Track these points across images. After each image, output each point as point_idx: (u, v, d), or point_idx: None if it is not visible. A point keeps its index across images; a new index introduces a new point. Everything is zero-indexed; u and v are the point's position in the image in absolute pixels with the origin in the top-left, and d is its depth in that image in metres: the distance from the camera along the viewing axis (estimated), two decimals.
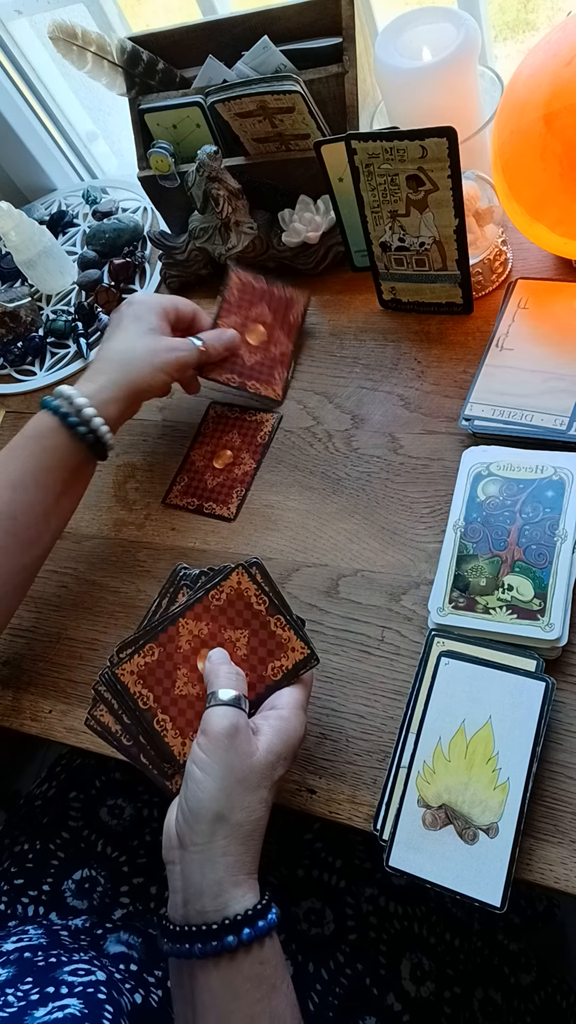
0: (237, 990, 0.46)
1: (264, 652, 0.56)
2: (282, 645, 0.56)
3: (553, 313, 0.72)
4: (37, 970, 0.55)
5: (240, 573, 0.56)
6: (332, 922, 0.67)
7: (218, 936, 0.46)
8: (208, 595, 0.56)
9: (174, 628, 0.56)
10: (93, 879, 0.71)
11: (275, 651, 0.56)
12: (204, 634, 0.56)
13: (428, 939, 0.68)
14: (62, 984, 0.53)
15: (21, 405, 0.94)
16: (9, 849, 0.74)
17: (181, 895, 0.48)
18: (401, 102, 0.76)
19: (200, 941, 0.46)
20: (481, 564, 0.61)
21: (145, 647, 0.56)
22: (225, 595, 0.56)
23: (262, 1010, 0.46)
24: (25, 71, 1.10)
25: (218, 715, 0.50)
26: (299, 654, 0.56)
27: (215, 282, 0.92)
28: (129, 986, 0.58)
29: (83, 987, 0.52)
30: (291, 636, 0.56)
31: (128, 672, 0.56)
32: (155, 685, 0.56)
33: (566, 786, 0.55)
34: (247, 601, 0.56)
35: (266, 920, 0.47)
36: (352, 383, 0.79)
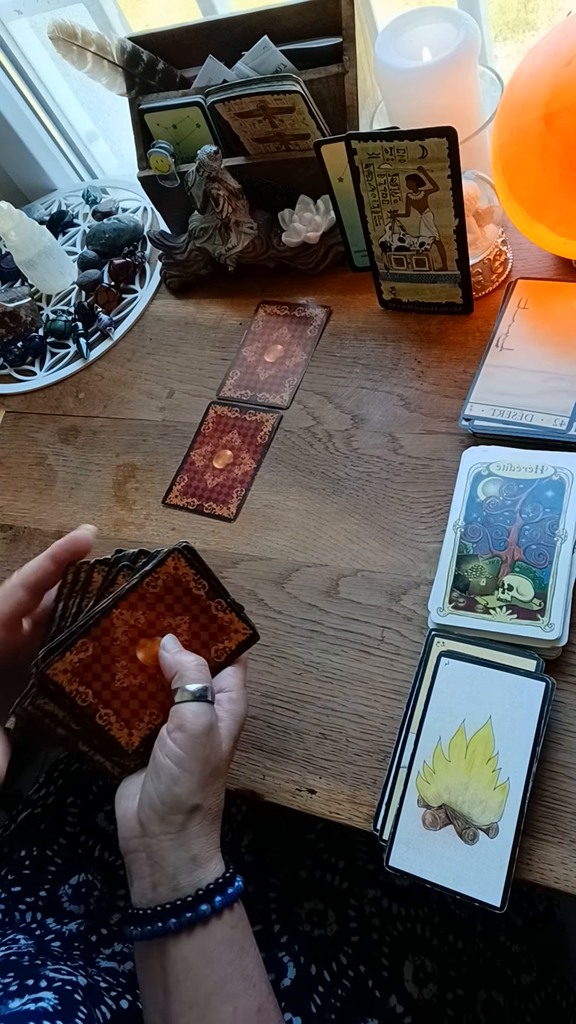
0: (210, 955, 0.48)
1: (207, 636, 0.55)
2: (224, 628, 0.56)
3: (553, 313, 0.72)
4: (21, 968, 0.56)
5: (176, 558, 0.54)
6: (335, 923, 0.67)
7: (193, 906, 0.48)
8: (143, 583, 0.54)
9: (108, 620, 0.54)
10: (90, 883, 0.71)
11: (217, 634, 0.56)
12: (141, 623, 0.54)
13: (431, 941, 0.68)
14: (42, 979, 0.54)
15: (21, 405, 0.94)
16: (7, 857, 0.74)
17: (149, 879, 0.49)
18: (401, 102, 0.76)
19: (175, 915, 0.47)
20: (481, 564, 0.61)
21: (77, 643, 0.53)
22: (162, 582, 0.54)
23: (234, 971, 0.48)
24: (25, 71, 1.10)
25: (194, 712, 0.51)
26: (242, 635, 0.56)
27: (215, 282, 0.92)
28: (115, 993, 0.58)
29: (62, 983, 0.53)
30: (232, 618, 0.56)
31: (61, 671, 0.53)
32: (93, 680, 0.53)
33: (566, 786, 0.55)
34: (186, 586, 0.55)
35: (234, 887, 0.49)
36: (352, 383, 0.79)
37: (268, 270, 0.89)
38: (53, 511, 0.84)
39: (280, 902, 0.68)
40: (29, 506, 0.85)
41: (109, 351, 0.94)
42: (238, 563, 0.73)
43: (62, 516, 0.83)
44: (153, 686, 0.54)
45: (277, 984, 0.62)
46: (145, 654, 0.54)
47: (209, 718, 0.51)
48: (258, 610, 0.69)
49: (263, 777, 0.62)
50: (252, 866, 0.70)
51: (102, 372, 0.93)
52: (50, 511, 0.84)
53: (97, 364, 0.94)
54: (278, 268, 0.88)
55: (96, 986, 0.57)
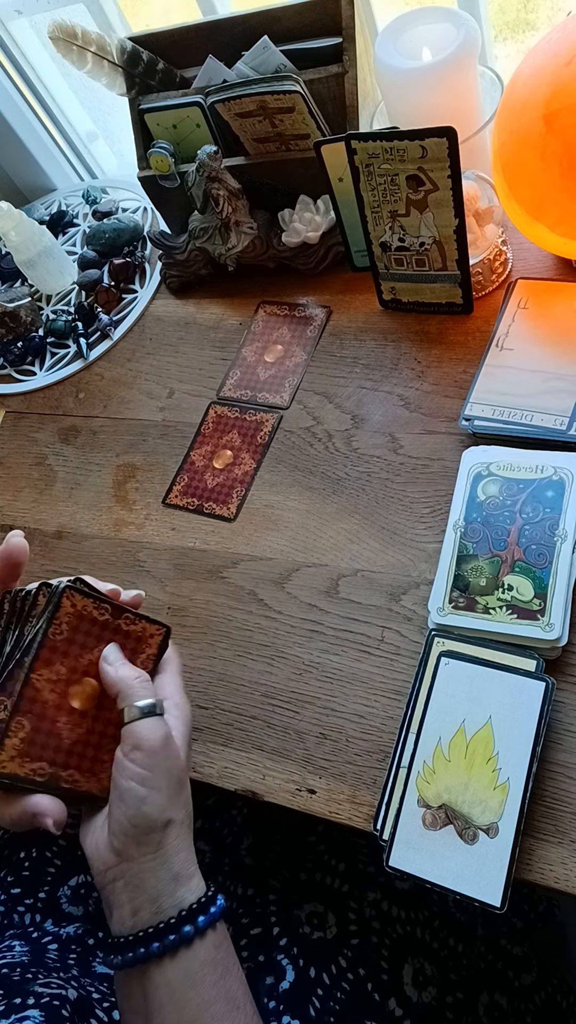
0: (194, 977, 0.47)
1: (128, 652, 0.55)
2: (140, 638, 0.55)
3: (553, 313, 0.72)
4: (11, 984, 0.55)
5: (70, 595, 0.53)
6: (334, 926, 0.67)
7: (176, 928, 0.47)
8: (47, 636, 0.52)
9: (30, 689, 0.51)
10: (88, 885, 0.71)
11: (137, 646, 0.55)
12: (63, 674, 0.52)
13: (431, 944, 0.68)
14: (30, 995, 0.53)
15: (21, 405, 0.94)
16: (7, 858, 0.74)
17: (128, 907, 0.48)
18: (401, 102, 0.76)
19: (158, 939, 0.46)
20: (481, 564, 0.61)
21: (11, 725, 0.50)
22: (65, 624, 0.52)
23: (218, 993, 0.47)
24: (25, 71, 1.10)
25: (148, 728, 0.50)
26: (157, 636, 0.56)
27: (215, 282, 0.92)
28: (108, 1004, 0.58)
29: (50, 999, 0.52)
30: (144, 625, 0.55)
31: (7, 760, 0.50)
32: (43, 752, 0.51)
33: (566, 786, 0.55)
34: (90, 618, 0.53)
35: (216, 905, 0.48)
36: (352, 383, 0.79)
37: (268, 270, 0.89)
38: (53, 511, 0.84)
39: (280, 904, 0.68)
40: (29, 506, 0.85)
41: (109, 351, 0.94)
42: (238, 563, 0.73)
43: (62, 516, 0.83)
44: (100, 725, 0.53)
45: (276, 987, 0.62)
46: (80, 699, 0.52)
47: (164, 731, 0.50)
48: (258, 610, 0.69)
49: (263, 777, 0.62)
50: (252, 868, 0.70)
51: (102, 372, 0.93)
52: (50, 511, 0.84)
53: (97, 364, 0.94)
54: (278, 268, 0.88)
55: (88, 998, 0.56)
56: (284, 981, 0.62)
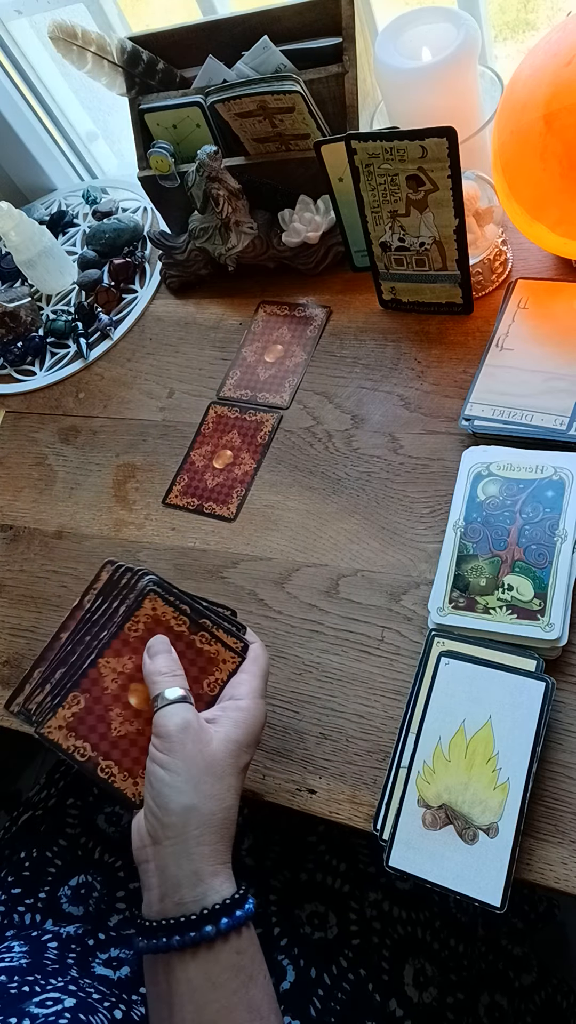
0: (215, 980, 0.46)
1: (196, 671, 0.55)
2: (212, 660, 0.55)
3: (553, 313, 0.72)
4: (7, 998, 0.55)
5: (152, 599, 0.55)
6: (335, 926, 0.67)
7: (197, 926, 0.46)
8: (124, 629, 0.54)
9: (95, 671, 0.54)
10: (89, 885, 0.71)
11: (207, 667, 0.55)
12: (129, 669, 0.54)
13: (431, 944, 0.68)
14: (25, 1016, 0.52)
15: (21, 405, 0.94)
16: (8, 859, 0.74)
17: (157, 891, 0.48)
18: (401, 102, 0.76)
19: (179, 933, 0.46)
20: (481, 564, 0.61)
21: (68, 697, 0.54)
22: (142, 624, 0.55)
23: (239, 1000, 0.46)
24: (25, 71, 1.10)
25: (167, 715, 0.50)
26: (231, 664, 0.55)
27: (215, 282, 0.92)
28: (108, 1004, 0.58)
29: (45, 1019, 0.52)
30: (219, 649, 0.55)
31: (55, 728, 0.53)
32: (89, 733, 0.53)
33: (566, 786, 0.54)
34: (167, 625, 0.55)
35: (243, 909, 0.47)
36: (352, 383, 0.79)
37: (268, 270, 0.89)
38: (53, 511, 0.84)
39: (280, 904, 0.68)
40: (29, 506, 0.85)
41: (109, 351, 0.94)
42: (238, 563, 0.73)
43: (62, 516, 0.83)
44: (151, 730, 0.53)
45: (276, 987, 0.62)
46: (138, 699, 0.54)
47: (183, 717, 0.50)
48: (258, 610, 0.69)
49: (263, 777, 0.62)
50: (253, 868, 0.70)
51: (102, 372, 0.93)
52: (50, 511, 0.84)
53: (97, 364, 0.94)
54: (278, 268, 0.88)
55: (87, 1000, 0.56)
56: (285, 981, 0.62)
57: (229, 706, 0.53)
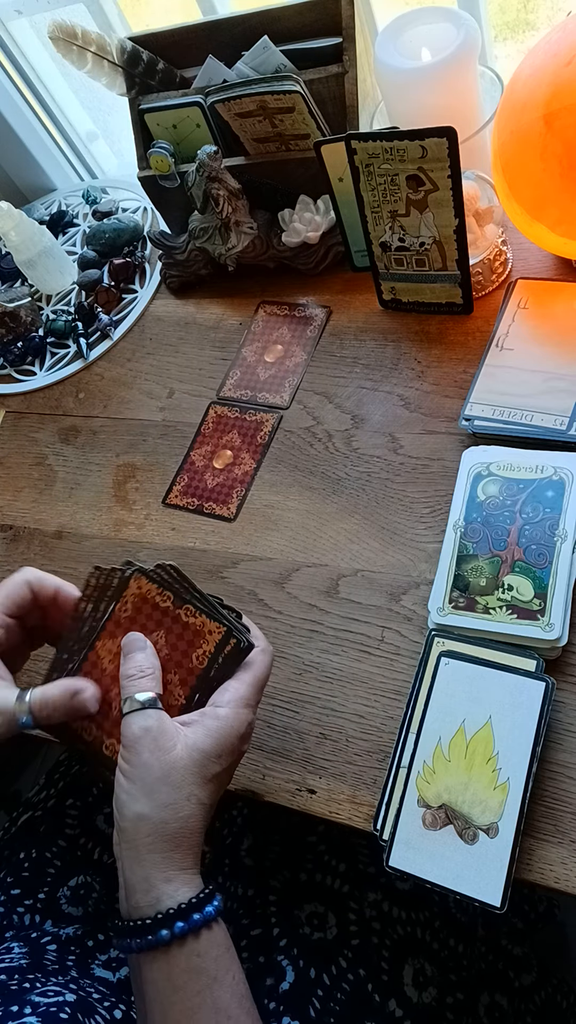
0: (175, 983, 0.46)
1: (184, 645, 0.55)
2: (198, 632, 0.55)
3: (553, 313, 0.72)
4: (8, 993, 0.55)
5: (138, 578, 0.55)
6: (334, 926, 0.67)
7: (152, 930, 0.46)
8: (115, 610, 0.56)
9: (94, 653, 0.56)
10: (88, 885, 0.71)
11: (194, 640, 0.55)
12: None
13: (431, 944, 0.68)
14: (27, 1004, 0.53)
15: (21, 405, 0.94)
16: (7, 859, 0.74)
17: (123, 891, 0.48)
18: (401, 102, 0.76)
19: (137, 936, 0.46)
20: (481, 564, 0.61)
21: None
22: (130, 604, 0.56)
23: (201, 1002, 0.46)
24: (25, 71, 1.10)
25: (128, 721, 0.50)
26: (216, 635, 0.54)
27: (215, 282, 0.92)
28: (108, 1003, 0.58)
29: (47, 1007, 0.52)
30: (204, 620, 0.54)
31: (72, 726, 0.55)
32: (95, 714, 0.54)
33: (566, 786, 0.54)
34: (152, 603, 0.55)
35: (202, 912, 0.47)
36: (352, 383, 0.79)
37: (268, 270, 0.89)
38: (53, 511, 0.84)
39: (280, 905, 0.68)
40: (29, 506, 0.85)
41: (109, 351, 0.94)
42: (238, 563, 0.73)
43: (62, 516, 0.83)
44: None
45: (276, 987, 0.62)
46: None
47: (141, 724, 0.49)
48: (258, 610, 0.69)
49: (263, 777, 0.62)
50: (252, 869, 0.70)
51: (102, 372, 0.93)
52: (50, 511, 0.84)
53: (97, 364, 0.94)
54: (278, 268, 0.88)
55: (87, 999, 0.56)
56: (284, 982, 0.62)
57: (208, 712, 0.52)
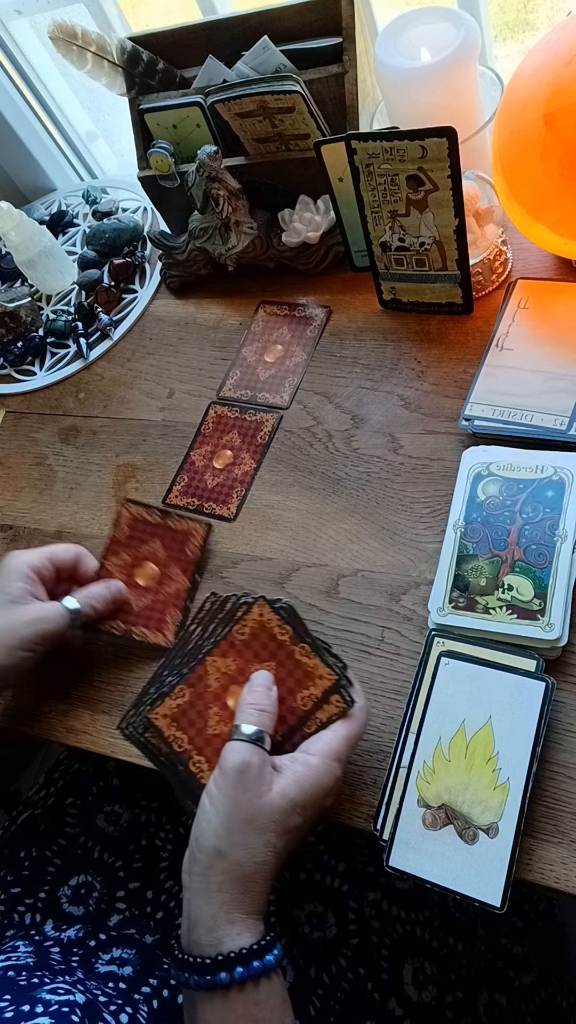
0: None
1: (292, 682, 0.55)
2: (309, 673, 0.55)
3: (553, 313, 0.72)
4: (18, 988, 0.55)
5: (261, 605, 0.56)
6: (334, 926, 0.67)
7: (212, 971, 0.45)
8: (232, 630, 0.56)
9: (202, 667, 0.56)
10: (89, 884, 0.71)
11: (303, 680, 0.55)
12: (232, 670, 0.56)
13: (430, 943, 0.68)
14: (38, 1003, 0.52)
15: (21, 405, 0.94)
16: (7, 858, 0.74)
17: (185, 922, 0.48)
18: (401, 102, 0.76)
19: (196, 972, 0.46)
20: (481, 564, 0.61)
21: (176, 688, 0.56)
22: (249, 629, 0.56)
23: None
24: (25, 71, 1.10)
25: (232, 750, 0.49)
26: (327, 680, 0.55)
27: (215, 282, 0.92)
28: (115, 1007, 0.58)
29: (59, 1006, 0.52)
30: (317, 663, 0.55)
31: (161, 716, 0.56)
32: (188, 727, 0.55)
33: (566, 786, 0.55)
34: (270, 632, 0.56)
35: (262, 961, 0.46)
36: (352, 383, 0.79)
37: (268, 270, 0.89)
38: (53, 511, 0.84)
39: (279, 904, 0.68)
40: (29, 506, 0.85)
41: (109, 351, 0.94)
42: (238, 563, 0.73)
43: (62, 516, 0.83)
44: None
45: None
46: (235, 701, 0.55)
47: (244, 759, 0.49)
48: None
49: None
50: None
51: (102, 372, 0.93)
52: (50, 511, 0.84)
53: (97, 364, 0.94)
54: (278, 268, 0.88)
55: (95, 1001, 0.56)
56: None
57: (299, 759, 0.51)
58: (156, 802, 0.78)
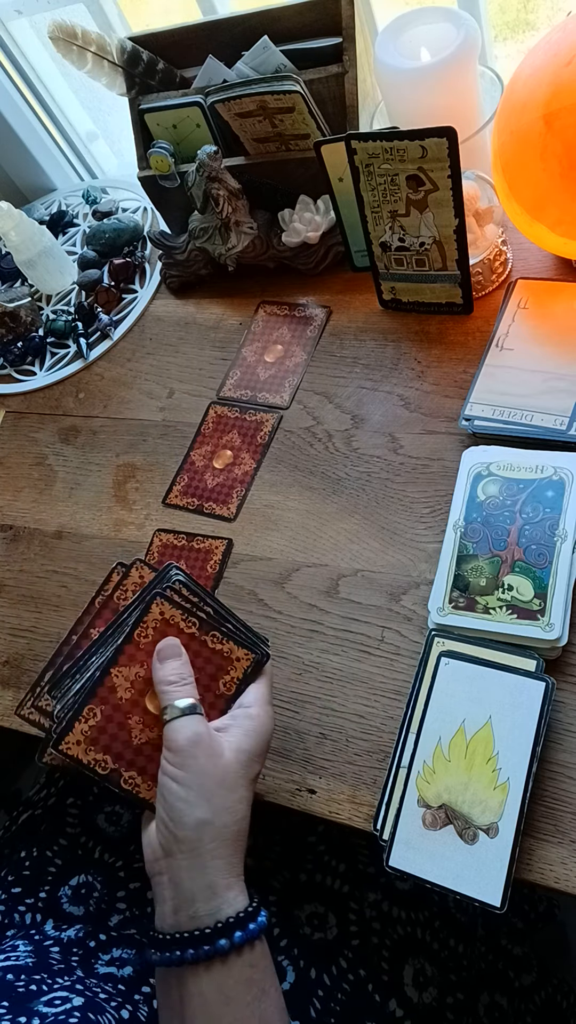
0: (228, 994, 0.46)
1: (212, 669, 0.54)
2: (227, 658, 0.55)
3: (553, 313, 0.72)
4: (15, 996, 0.55)
5: (160, 603, 0.54)
6: (335, 927, 0.67)
7: (211, 940, 0.46)
8: (134, 636, 0.54)
9: (109, 679, 0.53)
10: (89, 885, 0.71)
11: (222, 666, 0.54)
12: (143, 676, 0.54)
13: (431, 945, 0.68)
14: (35, 1015, 0.52)
15: (21, 405, 0.94)
16: (7, 857, 0.74)
17: (171, 903, 0.48)
18: (401, 102, 0.76)
19: (193, 946, 0.46)
20: (481, 564, 0.61)
21: (84, 710, 0.52)
22: (151, 629, 0.54)
23: (251, 1014, 0.46)
24: (25, 71, 1.10)
25: (177, 728, 0.50)
26: (245, 662, 0.55)
27: (215, 282, 0.92)
28: (115, 1003, 0.58)
29: (54, 1018, 0.52)
30: (232, 647, 0.54)
31: (73, 743, 0.52)
32: (110, 745, 0.52)
33: (566, 786, 0.54)
34: (177, 627, 0.54)
35: (256, 922, 0.47)
36: (352, 383, 0.79)
37: (268, 270, 0.89)
38: (53, 511, 0.84)
39: (280, 905, 0.68)
40: (29, 506, 0.85)
41: (109, 351, 0.94)
42: (238, 563, 0.73)
43: (62, 516, 0.83)
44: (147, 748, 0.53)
45: None
46: (155, 704, 0.53)
47: (193, 729, 0.50)
48: (258, 610, 0.69)
49: (263, 777, 0.62)
50: (252, 869, 0.70)
51: (102, 372, 0.93)
52: (50, 511, 0.84)
53: (97, 364, 0.94)
54: (278, 268, 0.88)
55: (94, 999, 0.56)
56: (284, 982, 0.62)
57: (239, 714, 0.53)
58: None
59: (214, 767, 0.49)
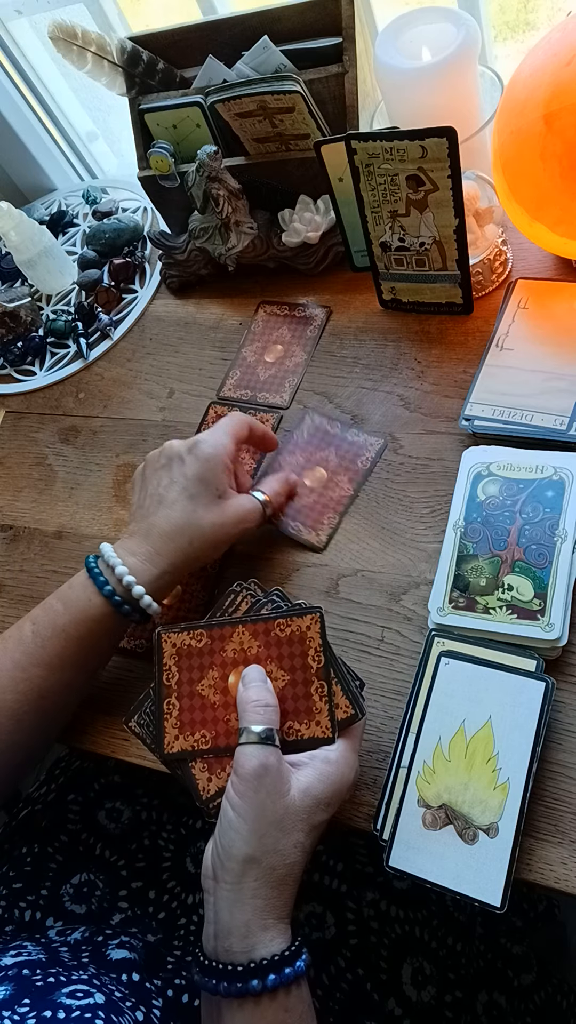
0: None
1: (290, 707, 0.53)
2: (311, 713, 0.53)
3: (553, 313, 0.72)
4: (35, 990, 0.54)
5: (314, 619, 0.54)
6: (333, 926, 0.67)
7: (243, 978, 0.45)
8: (275, 621, 0.54)
9: (231, 629, 0.54)
10: (92, 883, 0.71)
11: (301, 714, 0.53)
12: (252, 652, 0.54)
13: (429, 943, 0.68)
14: (59, 1008, 0.51)
15: (21, 405, 0.94)
16: (8, 854, 0.74)
17: (212, 927, 0.47)
18: (401, 102, 0.76)
19: (226, 980, 0.45)
20: (481, 564, 0.61)
21: (197, 630, 0.54)
22: (290, 630, 0.54)
23: None
24: (25, 71, 1.10)
25: (247, 754, 0.48)
26: (321, 730, 0.53)
27: (215, 282, 0.92)
28: (130, 1004, 0.57)
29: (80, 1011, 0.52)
30: (323, 708, 0.53)
31: (170, 643, 0.55)
32: (184, 669, 0.54)
33: (566, 786, 0.55)
34: (305, 649, 0.54)
35: (293, 967, 0.46)
36: (352, 383, 0.79)
37: (268, 270, 0.89)
38: (53, 511, 0.84)
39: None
40: (29, 506, 0.85)
41: (109, 351, 0.94)
42: (238, 564, 0.73)
43: (62, 516, 0.83)
44: (223, 713, 0.53)
45: None
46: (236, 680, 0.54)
47: (261, 761, 0.48)
48: None
49: None
50: None
51: (102, 372, 0.93)
52: (50, 511, 0.84)
53: (97, 364, 0.94)
54: (278, 268, 0.88)
55: (110, 996, 0.56)
56: None
57: (319, 755, 0.51)
58: (157, 799, 0.78)
59: (274, 805, 0.47)
